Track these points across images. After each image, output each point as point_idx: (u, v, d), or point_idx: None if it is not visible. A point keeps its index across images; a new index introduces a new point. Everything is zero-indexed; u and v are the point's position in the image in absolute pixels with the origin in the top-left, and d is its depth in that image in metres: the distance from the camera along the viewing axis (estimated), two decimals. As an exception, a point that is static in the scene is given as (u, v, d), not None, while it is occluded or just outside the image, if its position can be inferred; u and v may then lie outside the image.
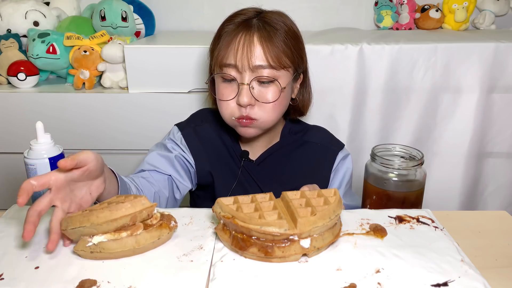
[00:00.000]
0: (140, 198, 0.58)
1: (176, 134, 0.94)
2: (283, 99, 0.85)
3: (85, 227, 0.55)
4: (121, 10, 1.37)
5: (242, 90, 0.81)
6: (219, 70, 0.84)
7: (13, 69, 1.27)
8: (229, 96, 0.84)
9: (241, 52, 0.80)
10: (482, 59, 1.22)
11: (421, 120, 1.28)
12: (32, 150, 0.72)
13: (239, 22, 0.84)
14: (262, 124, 0.85)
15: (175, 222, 0.61)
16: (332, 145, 0.96)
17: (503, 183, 1.35)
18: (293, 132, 0.96)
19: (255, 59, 0.80)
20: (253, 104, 0.83)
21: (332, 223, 0.58)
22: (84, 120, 1.26)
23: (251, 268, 0.55)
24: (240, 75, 0.82)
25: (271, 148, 0.93)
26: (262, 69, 0.81)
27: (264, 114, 0.84)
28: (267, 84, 0.83)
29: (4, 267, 0.55)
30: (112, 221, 0.55)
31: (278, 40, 0.81)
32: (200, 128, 0.95)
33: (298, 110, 0.95)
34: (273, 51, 0.81)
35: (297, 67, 0.87)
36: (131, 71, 1.24)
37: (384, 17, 1.59)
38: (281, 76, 0.83)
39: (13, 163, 1.28)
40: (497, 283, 0.53)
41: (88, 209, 0.59)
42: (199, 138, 0.93)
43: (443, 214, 0.70)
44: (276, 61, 0.81)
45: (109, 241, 0.55)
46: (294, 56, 0.84)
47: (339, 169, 0.94)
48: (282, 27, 0.83)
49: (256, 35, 0.81)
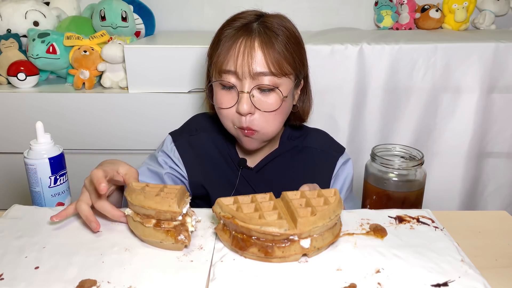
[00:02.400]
0: (168, 200, 0.58)
1: (169, 145, 0.92)
2: (284, 107, 0.82)
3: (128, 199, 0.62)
4: (121, 10, 1.37)
5: (242, 98, 0.78)
6: (218, 76, 0.81)
7: (13, 69, 1.27)
8: (229, 104, 0.81)
9: (242, 58, 0.78)
10: (482, 59, 1.22)
11: (421, 120, 1.28)
12: (32, 150, 0.73)
13: (239, 27, 0.81)
14: (263, 135, 0.83)
15: (185, 238, 0.58)
16: (332, 149, 0.93)
17: (503, 183, 1.36)
18: (293, 138, 0.93)
19: (256, 65, 0.77)
20: (253, 112, 0.80)
21: (332, 223, 0.58)
22: (84, 120, 1.26)
23: (251, 268, 0.55)
24: (240, 83, 0.79)
25: (270, 155, 0.91)
26: (263, 76, 0.78)
27: (264, 124, 0.81)
28: (268, 92, 0.80)
29: (4, 267, 0.55)
30: (141, 206, 0.59)
31: (280, 46, 0.79)
32: (194, 138, 0.92)
33: (299, 117, 0.92)
34: (275, 57, 0.78)
35: (299, 74, 0.84)
36: (131, 71, 1.24)
37: (384, 17, 1.59)
38: (283, 83, 0.80)
39: (13, 163, 1.28)
40: (497, 283, 0.53)
41: (142, 187, 0.62)
42: (193, 150, 0.91)
43: (443, 214, 0.70)
44: (278, 68, 0.78)
45: (133, 217, 0.61)
46: (296, 62, 0.82)
47: (339, 174, 0.92)
48: (283, 32, 0.81)
49: (257, 41, 0.78)
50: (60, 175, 0.74)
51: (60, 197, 0.75)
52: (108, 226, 0.64)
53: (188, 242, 0.58)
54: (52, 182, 0.73)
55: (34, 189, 0.73)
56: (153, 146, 1.00)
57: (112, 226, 0.64)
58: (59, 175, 0.74)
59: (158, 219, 0.59)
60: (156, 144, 1.00)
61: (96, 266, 0.55)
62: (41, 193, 0.73)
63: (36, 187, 0.73)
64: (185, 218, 0.60)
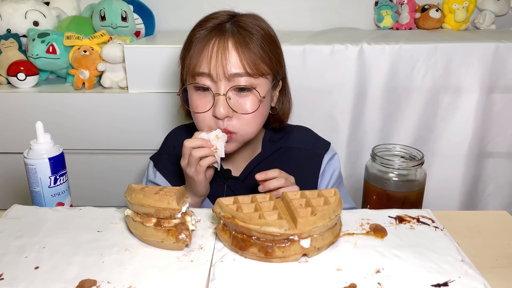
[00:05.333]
0: (168, 198, 0.58)
1: (152, 172, 0.91)
2: (262, 109, 0.80)
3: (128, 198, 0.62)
4: (121, 10, 1.37)
5: (218, 101, 0.76)
6: (192, 79, 0.78)
7: (13, 69, 1.27)
8: (204, 108, 0.78)
9: (215, 59, 0.75)
10: (482, 59, 1.22)
11: (421, 120, 1.28)
12: (32, 150, 0.73)
13: (211, 27, 0.79)
14: (241, 137, 0.80)
15: (186, 237, 0.58)
16: (317, 148, 0.91)
17: (503, 183, 1.36)
18: (275, 140, 0.90)
19: (230, 67, 0.75)
20: (230, 115, 0.77)
21: (332, 223, 0.58)
22: (84, 120, 1.26)
23: (251, 268, 0.55)
24: (215, 85, 0.76)
25: (254, 160, 0.88)
26: (239, 77, 0.76)
27: (243, 126, 0.78)
28: (245, 93, 0.77)
29: (4, 267, 0.55)
30: (141, 205, 0.59)
31: (255, 46, 0.76)
32: (174, 157, 0.87)
33: (278, 119, 0.89)
34: (250, 58, 0.75)
35: (276, 74, 0.82)
36: (131, 71, 1.24)
37: (384, 17, 1.59)
38: (260, 84, 0.78)
39: (13, 163, 1.28)
40: (497, 283, 0.53)
41: (141, 187, 0.62)
42: (176, 168, 0.86)
43: (443, 214, 0.70)
44: (254, 68, 0.76)
45: (132, 217, 0.61)
46: (272, 62, 0.79)
47: (326, 171, 0.90)
48: (258, 31, 0.78)
49: (230, 41, 0.76)
50: (60, 175, 0.74)
51: (60, 197, 0.75)
52: (108, 226, 0.64)
53: (189, 241, 0.58)
54: (52, 182, 0.73)
55: (34, 189, 0.73)
56: (153, 146, 1.00)
57: (112, 226, 0.64)
58: (59, 175, 0.74)
59: (158, 218, 0.59)
60: (156, 144, 1.00)
61: (96, 266, 0.55)
62: (41, 193, 0.73)
63: (36, 187, 0.73)
64: (184, 217, 0.60)
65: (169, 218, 0.59)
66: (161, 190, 0.61)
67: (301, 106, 1.03)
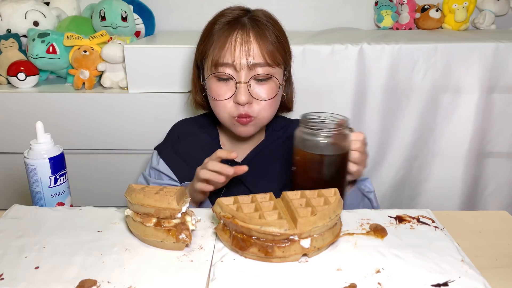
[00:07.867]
0: (168, 197, 0.58)
1: (156, 159, 0.95)
2: (278, 96, 0.87)
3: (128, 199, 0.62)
4: (121, 10, 1.37)
5: (240, 88, 0.82)
6: (214, 69, 0.84)
7: (13, 69, 1.27)
8: (226, 95, 0.84)
9: (239, 50, 0.81)
10: (482, 59, 1.22)
11: (421, 120, 1.28)
12: (32, 150, 0.73)
13: (230, 21, 0.84)
14: (260, 121, 0.87)
15: (187, 236, 0.58)
16: None
17: (503, 183, 1.36)
18: (276, 129, 0.97)
19: (252, 57, 0.82)
20: (251, 102, 0.84)
21: (332, 223, 0.58)
22: (84, 120, 1.26)
23: (251, 268, 0.55)
24: (237, 74, 0.83)
25: (257, 148, 0.94)
26: (259, 67, 0.82)
27: (261, 111, 0.85)
28: (264, 81, 0.84)
29: (4, 267, 0.55)
30: (141, 205, 0.59)
31: (272, 37, 0.83)
32: (178, 146, 0.95)
33: (285, 106, 0.97)
34: (269, 49, 0.82)
35: (287, 64, 0.89)
36: (131, 71, 1.24)
37: (384, 17, 1.59)
38: (276, 73, 0.85)
39: (13, 163, 1.28)
40: (497, 283, 0.53)
41: (141, 187, 0.62)
42: (179, 156, 0.93)
43: (443, 214, 0.70)
44: (272, 59, 0.83)
45: (133, 217, 0.61)
46: (286, 52, 0.87)
47: None
48: (272, 24, 0.85)
49: (251, 33, 0.82)
50: (60, 175, 0.74)
51: (60, 197, 0.75)
52: (108, 226, 0.64)
53: (189, 240, 0.58)
54: (52, 182, 0.73)
55: (34, 189, 0.73)
56: (153, 146, 1.00)
57: (112, 226, 0.64)
58: (59, 175, 0.74)
59: (158, 218, 0.59)
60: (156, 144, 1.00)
61: (96, 266, 0.55)
62: (41, 193, 0.73)
63: (36, 187, 0.73)
64: (184, 217, 0.60)
65: (169, 218, 0.59)
66: (161, 190, 0.61)
67: (301, 106, 1.03)
